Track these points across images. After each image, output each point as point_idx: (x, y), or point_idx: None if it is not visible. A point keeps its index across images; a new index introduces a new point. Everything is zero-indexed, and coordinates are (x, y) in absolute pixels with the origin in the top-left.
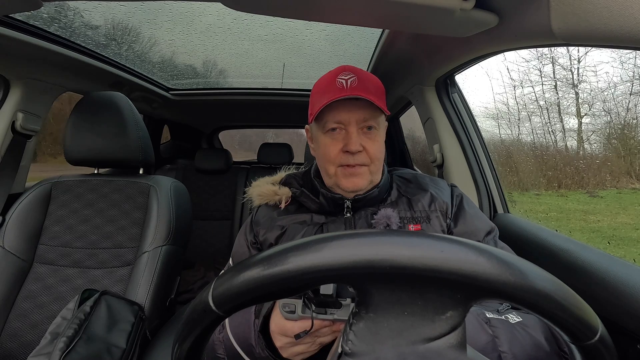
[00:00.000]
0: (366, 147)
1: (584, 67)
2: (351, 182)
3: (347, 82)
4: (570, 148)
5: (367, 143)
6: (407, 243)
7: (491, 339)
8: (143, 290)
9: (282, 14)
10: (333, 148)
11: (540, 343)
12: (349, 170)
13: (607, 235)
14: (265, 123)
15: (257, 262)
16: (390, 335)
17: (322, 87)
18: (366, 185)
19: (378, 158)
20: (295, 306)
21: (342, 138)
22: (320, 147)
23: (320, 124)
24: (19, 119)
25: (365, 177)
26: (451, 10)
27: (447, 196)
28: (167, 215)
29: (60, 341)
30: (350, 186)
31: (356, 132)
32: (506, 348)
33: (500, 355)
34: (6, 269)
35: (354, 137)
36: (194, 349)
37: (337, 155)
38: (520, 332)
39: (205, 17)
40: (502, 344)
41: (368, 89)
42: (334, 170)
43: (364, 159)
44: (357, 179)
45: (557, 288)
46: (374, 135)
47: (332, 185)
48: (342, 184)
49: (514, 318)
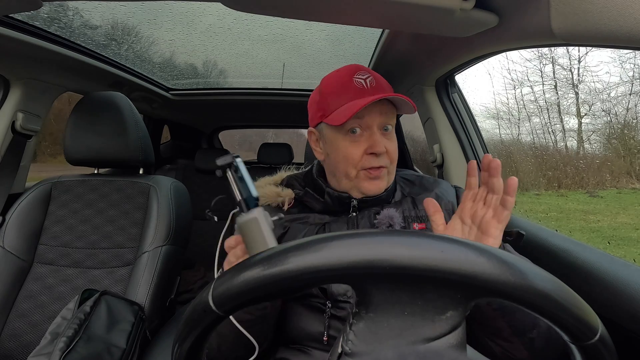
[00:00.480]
0: (387, 148)
1: (584, 67)
2: (374, 185)
3: (367, 82)
4: (570, 148)
5: (388, 144)
6: (407, 243)
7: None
8: (143, 290)
9: (282, 14)
10: (356, 150)
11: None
12: (373, 173)
13: (607, 235)
14: (265, 123)
15: (257, 262)
16: (390, 335)
17: (338, 87)
18: (386, 186)
19: (396, 158)
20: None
21: (364, 140)
22: (339, 150)
23: (338, 126)
24: (19, 119)
25: (385, 178)
26: (451, 10)
27: (452, 196)
28: (167, 215)
29: (60, 341)
30: (374, 189)
31: (379, 133)
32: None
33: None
34: (6, 269)
35: (379, 138)
36: (194, 349)
37: (360, 158)
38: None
39: (205, 17)
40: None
41: (384, 88)
42: (356, 173)
43: (386, 160)
44: (379, 181)
45: (557, 288)
46: (391, 135)
47: (348, 188)
48: (365, 187)
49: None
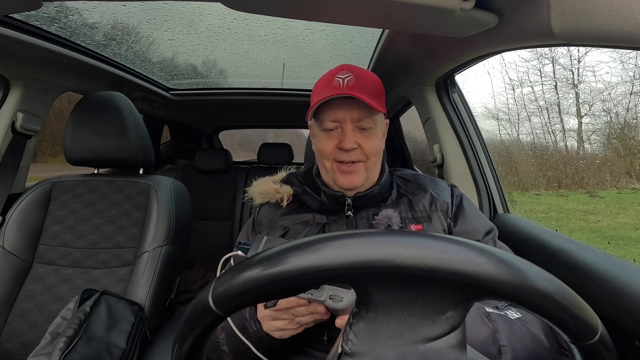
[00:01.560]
0: (361, 145)
1: (584, 67)
2: (347, 179)
3: (344, 81)
4: (570, 148)
5: (363, 141)
6: (407, 243)
7: (491, 333)
8: (143, 290)
9: (282, 14)
10: (328, 144)
11: (539, 339)
12: (344, 168)
13: (607, 235)
14: (265, 123)
15: (257, 262)
16: (390, 335)
17: (321, 86)
18: (362, 181)
19: (374, 154)
20: None
21: (337, 136)
22: (317, 144)
23: (318, 122)
24: (19, 119)
25: (361, 173)
26: (451, 10)
27: (447, 196)
28: (167, 215)
29: (60, 341)
30: (347, 183)
31: (351, 130)
32: (506, 342)
33: (500, 349)
34: (6, 269)
35: (349, 134)
36: (194, 349)
37: (332, 151)
38: (519, 328)
39: (205, 17)
40: (501, 338)
41: (364, 88)
42: (330, 165)
43: (358, 155)
44: (353, 176)
45: (557, 288)
46: (370, 133)
47: (330, 182)
48: (339, 180)
49: (514, 314)
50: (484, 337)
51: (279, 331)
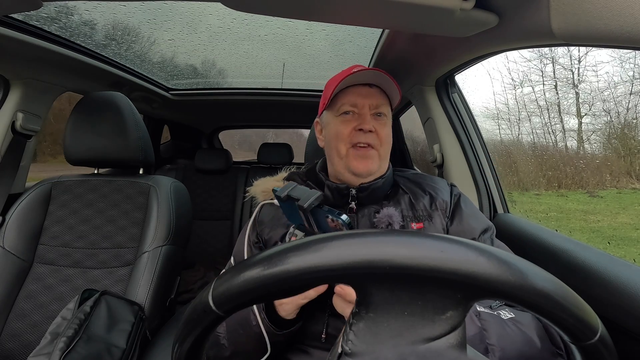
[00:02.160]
0: (377, 130)
1: (584, 67)
2: (363, 164)
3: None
4: (570, 148)
5: (378, 126)
6: (407, 243)
7: (479, 331)
8: (143, 290)
9: (282, 14)
10: (345, 127)
11: (532, 340)
12: (361, 152)
13: (607, 235)
14: (265, 123)
15: (257, 262)
16: (390, 335)
17: (337, 79)
18: (376, 168)
19: (387, 142)
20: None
21: (355, 119)
22: (332, 130)
23: (334, 108)
24: (19, 119)
25: (375, 160)
26: (451, 10)
27: (446, 195)
28: (167, 215)
29: (60, 341)
30: (362, 167)
31: (369, 115)
32: (494, 341)
33: (487, 348)
34: (6, 269)
35: (367, 117)
36: (194, 349)
37: (349, 134)
38: (511, 328)
39: (205, 17)
40: (490, 337)
41: (383, 79)
42: (346, 150)
43: (374, 139)
44: (367, 161)
45: (557, 288)
46: (384, 121)
47: (341, 170)
48: (354, 166)
49: (507, 314)
50: (471, 336)
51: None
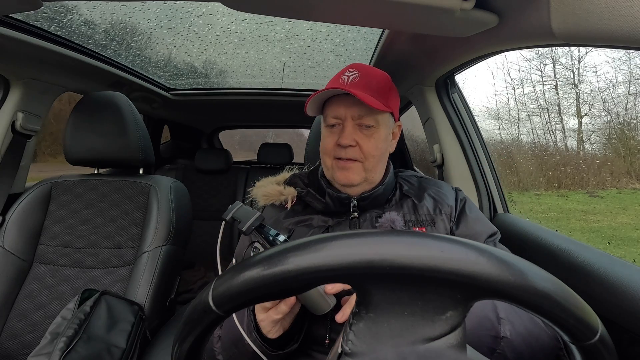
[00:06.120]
0: (360, 143)
1: (584, 67)
2: (344, 176)
3: (349, 79)
4: (570, 148)
5: (362, 139)
6: (407, 243)
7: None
8: (143, 290)
9: (282, 14)
10: (329, 140)
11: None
12: (341, 164)
13: (607, 236)
14: (265, 123)
15: (257, 262)
16: (390, 335)
17: (329, 84)
18: (359, 180)
19: (373, 155)
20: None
21: (338, 132)
22: (321, 140)
23: (324, 118)
24: (19, 119)
25: (358, 172)
26: (451, 10)
27: (451, 199)
28: (167, 215)
29: (60, 341)
30: (343, 179)
31: (351, 127)
32: (504, 315)
33: (499, 321)
34: (6, 269)
35: (347, 131)
36: (194, 349)
37: (332, 148)
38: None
39: (205, 17)
40: (500, 311)
41: (368, 86)
42: (330, 162)
43: (356, 154)
44: (349, 173)
45: (557, 288)
46: (371, 132)
47: (331, 179)
48: (336, 177)
49: None
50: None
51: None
